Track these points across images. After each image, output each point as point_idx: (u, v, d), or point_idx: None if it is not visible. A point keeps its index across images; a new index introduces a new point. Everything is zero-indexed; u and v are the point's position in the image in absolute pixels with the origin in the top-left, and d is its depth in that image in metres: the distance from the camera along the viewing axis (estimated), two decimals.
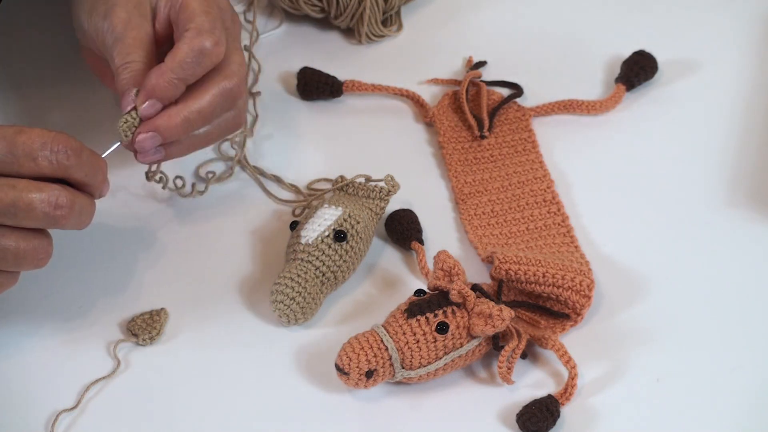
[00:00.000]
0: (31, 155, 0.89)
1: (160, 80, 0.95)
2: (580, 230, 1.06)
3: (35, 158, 0.89)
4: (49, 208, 0.89)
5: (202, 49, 0.96)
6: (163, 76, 0.95)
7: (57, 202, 0.89)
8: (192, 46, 0.95)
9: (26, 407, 0.95)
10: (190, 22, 0.97)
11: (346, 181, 1.06)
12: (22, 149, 0.88)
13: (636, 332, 0.99)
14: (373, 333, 0.94)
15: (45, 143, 0.89)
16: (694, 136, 1.13)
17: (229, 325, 1.00)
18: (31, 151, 0.89)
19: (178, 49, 0.96)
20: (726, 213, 1.07)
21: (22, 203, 0.88)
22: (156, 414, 0.95)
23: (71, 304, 1.00)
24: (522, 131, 1.13)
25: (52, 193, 0.89)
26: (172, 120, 0.96)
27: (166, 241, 1.05)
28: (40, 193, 0.89)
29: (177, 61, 0.95)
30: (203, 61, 0.96)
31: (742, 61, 1.19)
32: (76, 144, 0.90)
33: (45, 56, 1.17)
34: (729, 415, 0.95)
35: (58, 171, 0.89)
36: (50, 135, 0.89)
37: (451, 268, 0.96)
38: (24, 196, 0.88)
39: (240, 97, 1.00)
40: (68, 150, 0.90)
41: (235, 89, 0.98)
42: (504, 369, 0.95)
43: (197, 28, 0.96)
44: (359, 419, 0.95)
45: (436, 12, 1.24)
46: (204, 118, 0.97)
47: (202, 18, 0.97)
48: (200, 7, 0.97)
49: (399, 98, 1.16)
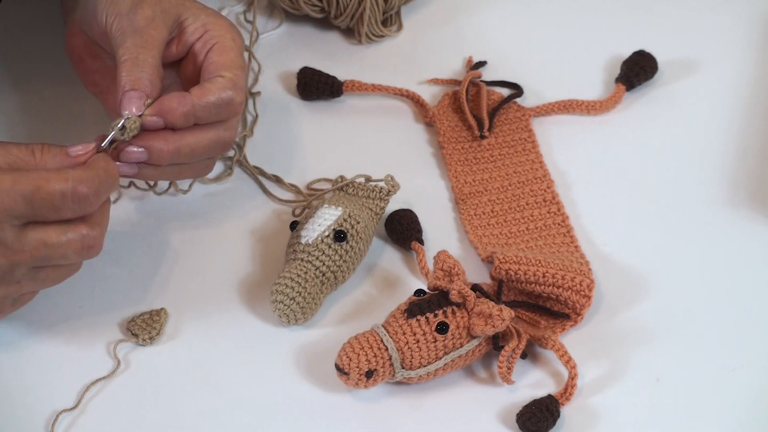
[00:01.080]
0: (53, 209, 0.89)
1: (180, 108, 0.95)
2: (580, 230, 1.06)
3: (58, 210, 0.89)
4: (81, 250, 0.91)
5: (230, 102, 0.97)
6: (184, 106, 0.95)
7: (86, 244, 0.91)
8: (223, 96, 0.96)
9: (26, 407, 0.95)
10: (226, 70, 0.98)
11: (346, 181, 1.06)
12: (41, 205, 0.89)
13: (636, 332, 0.99)
14: (373, 333, 0.94)
15: (65, 196, 0.89)
16: (694, 136, 1.13)
17: (229, 325, 1.00)
18: (52, 206, 0.89)
19: (208, 90, 0.96)
20: (726, 213, 1.07)
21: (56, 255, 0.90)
22: (156, 414, 0.95)
23: (71, 304, 1.00)
24: (522, 131, 1.13)
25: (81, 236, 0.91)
26: (165, 145, 0.96)
27: (166, 241, 1.05)
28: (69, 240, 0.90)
29: (203, 101, 0.96)
30: (222, 113, 0.97)
31: (742, 61, 1.19)
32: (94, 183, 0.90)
33: (45, 56, 1.17)
34: (729, 415, 0.95)
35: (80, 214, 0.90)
36: (68, 185, 0.89)
37: (451, 268, 0.96)
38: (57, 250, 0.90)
39: (227, 151, 1.02)
40: (89, 196, 0.90)
41: (230, 141, 1.00)
42: (504, 369, 0.95)
43: (233, 80, 0.97)
44: (359, 419, 0.95)
45: (436, 12, 1.24)
46: (191, 156, 0.98)
47: (239, 73, 0.98)
48: (238, 59, 0.99)
49: (399, 98, 1.16)
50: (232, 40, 1.00)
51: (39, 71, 1.16)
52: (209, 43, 1.00)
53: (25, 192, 0.88)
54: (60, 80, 1.14)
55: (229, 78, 0.98)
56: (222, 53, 0.99)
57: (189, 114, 0.96)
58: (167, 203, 1.08)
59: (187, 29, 1.01)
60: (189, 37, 1.01)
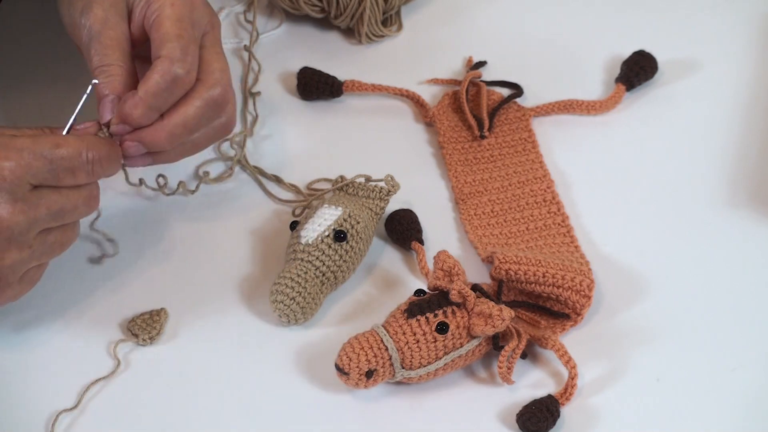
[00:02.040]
0: (69, 170, 0.91)
1: (135, 111, 0.95)
2: (580, 230, 1.06)
3: (74, 172, 0.92)
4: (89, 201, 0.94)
5: (174, 78, 0.96)
6: (137, 107, 0.95)
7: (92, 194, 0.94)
8: (164, 76, 0.95)
9: (26, 407, 0.95)
10: (161, 48, 0.96)
11: (346, 181, 1.06)
12: (59, 164, 0.91)
13: (636, 332, 0.99)
14: (373, 333, 0.94)
15: (81, 155, 0.92)
16: (694, 136, 1.13)
17: (229, 325, 1.00)
18: (69, 166, 0.91)
19: (150, 79, 0.95)
20: (726, 213, 1.07)
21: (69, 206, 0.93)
22: (156, 414, 0.95)
23: (71, 304, 1.00)
24: (522, 131, 1.13)
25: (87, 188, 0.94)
26: (157, 134, 0.96)
27: (166, 241, 1.05)
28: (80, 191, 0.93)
29: (150, 92, 0.95)
30: (175, 90, 0.96)
31: (742, 60, 1.19)
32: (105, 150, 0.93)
33: (45, 56, 1.17)
34: (729, 415, 0.95)
35: (92, 179, 0.93)
36: (84, 145, 0.92)
37: (451, 268, 0.96)
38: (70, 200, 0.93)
39: (227, 103, 0.99)
40: (102, 160, 0.93)
41: (220, 98, 0.98)
42: (504, 369, 0.95)
43: (169, 56, 0.96)
44: (359, 419, 0.95)
45: (436, 12, 1.24)
46: (189, 130, 0.97)
47: (174, 44, 0.96)
48: (173, 29, 0.97)
49: (399, 98, 1.16)
50: (171, 6, 0.98)
51: (39, 71, 1.16)
52: (151, 17, 0.98)
53: (44, 150, 0.90)
54: (60, 80, 1.14)
55: (165, 56, 0.96)
56: (159, 27, 0.97)
57: (145, 111, 0.95)
58: (167, 203, 1.07)
59: (134, 11, 0.99)
60: (137, 17, 0.99)
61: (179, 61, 0.96)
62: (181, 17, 0.98)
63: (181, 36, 0.97)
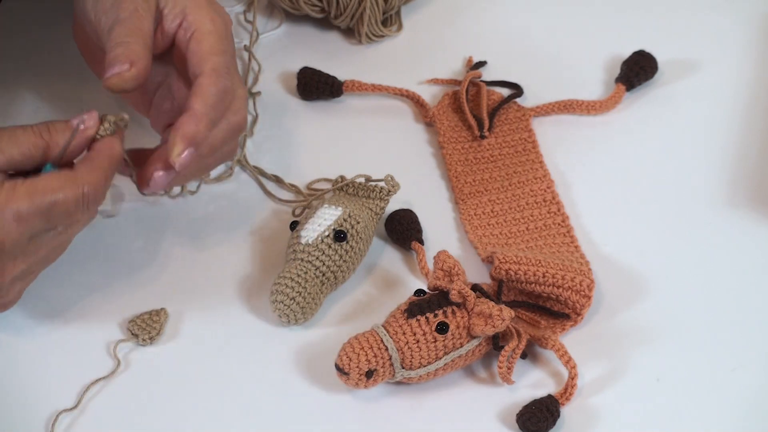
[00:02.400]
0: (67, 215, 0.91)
1: (200, 126, 0.94)
2: (580, 230, 1.06)
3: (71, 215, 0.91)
4: None
5: (225, 90, 0.95)
6: (202, 121, 0.94)
7: None
8: (218, 88, 0.95)
9: (26, 407, 0.95)
10: (206, 62, 0.96)
11: (346, 181, 1.06)
12: (57, 216, 0.91)
13: (636, 332, 0.99)
14: (373, 333, 0.94)
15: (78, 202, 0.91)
16: (694, 136, 1.13)
17: (229, 325, 1.00)
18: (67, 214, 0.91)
19: (206, 93, 0.95)
20: (726, 213, 1.07)
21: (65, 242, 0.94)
22: (156, 414, 0.95)
23: (71, 304, 1.00)
24: (522, 131, 1.13)
25: None
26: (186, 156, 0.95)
27: (166, 241, 1.05)
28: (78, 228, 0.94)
29: (209, 105, 0.94)
30: (225, 104, 0.96)
31: (742, 61, 1.19)
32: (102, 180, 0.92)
33: (45, 56, 1.17)
34: (729, 415, 0.95)
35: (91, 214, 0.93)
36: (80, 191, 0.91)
37: (451, 268, 0.96)
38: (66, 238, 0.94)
39: (244, 130, 1.00)
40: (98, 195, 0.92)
41: (242, 123, 0.98)
42: (504, 369, 0.95)
43: (216, 69, 0.96)
44: (359, 419, 0.95)
45: (436, 12, 1.24)
46: (212, 152, 0.97)
47: (220, 59, 0.96)
48: (217, 45, 0.97)
49: (399, 98, 1.16)
50: (211, 22, 0.98)
51: (39, 71, 1.16)
52: (189, 30, 0.98)
53: (42, 209, 0.89)
54: (60, 80, 1.14)
55: (212, 69, 0.95)
56: (200, 41, 0.97)
57: (208, 126, 0.94)
58: (167, 203, 1.07)
59: (166, 17, 0.98)
60: (169, 25, 0.98)
61: (226, 73, 0.96)
62: (221, 34, 0.98)
63: (225, 51, 0.97)
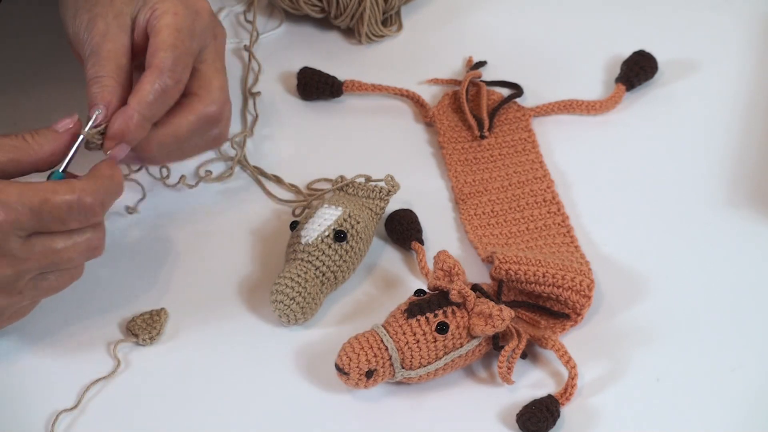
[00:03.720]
0: (59, 220, 0.90)
1: (131, 124, 0.94)
2: (580, 230, 1.06)
3: (64, 222, 0.90)
4: (86, 252, 0.92)
5: (164, 89, 0.95)
6: (132, 118, 0.94)
7: (91, 245, 0.92)
8: (157, 86, 0.94)
9: (26, 407, 0.95)
10: (154, 57, 0.95)
11: (346, 181, 1.06)
12: (48, 217, 0.89)
13: (636, 332, 0.99)
14: (373, 333, 0.94)
15: (71, 208, 0.89)
16: (694, 136, 1.13)
17: (229, 325, 1.00)
18: (59, 218, 0.89)
19: (143, 90, 0.94)
20: (726, 213, 1.07)
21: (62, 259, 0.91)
22: (156, 414, 0.95)
23: (71, 304, 1.00)
24: (522, 131, 1.13)
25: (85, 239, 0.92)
26: (147, 143, 0.96)
27: (166, 241, 1.05)
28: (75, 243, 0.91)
29: (144, 102, 0.94)
30: (166, 100, 0.95)
31: (742, 61, 1.19)
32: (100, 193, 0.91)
33: (45, 56, 1.17)
34: (729, 414, 0.95)
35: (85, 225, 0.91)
36: (74, 196, 0.89)
37: (451, 268, 0.96)
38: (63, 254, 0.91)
39: (221, 120, 0.99)
40: (94, 206, 0.91)
41: (215, 115, 0.98)
42: (504, 369, 0.95)
43: (159, 66, 0.95)
44: (359, 419, 0.95)
45: (436, 12, 1.24)
46: (179, 141, 0.97)
47: (167, 54, 0.95)
48: (169, 38, 0.96)
49: (399, 98, 1.16)
50: (173, 15, 0.97)
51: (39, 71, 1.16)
52: (152, 25, 0.97)
53: (32, 204, 0.88)
54: (60, 80, 1.14)
55: (156, 65, 0.95)
56: (156, 35, 0.96)
57: (140, 123, 0.94)
58: (167, 203, 1.08)
59: (138, 18, 0.98)
60: (141, 24, 0.98)
61: (169, 71, 0.95)
62: (180, 27, 0.97)
63: (175, 46, 0.96)
